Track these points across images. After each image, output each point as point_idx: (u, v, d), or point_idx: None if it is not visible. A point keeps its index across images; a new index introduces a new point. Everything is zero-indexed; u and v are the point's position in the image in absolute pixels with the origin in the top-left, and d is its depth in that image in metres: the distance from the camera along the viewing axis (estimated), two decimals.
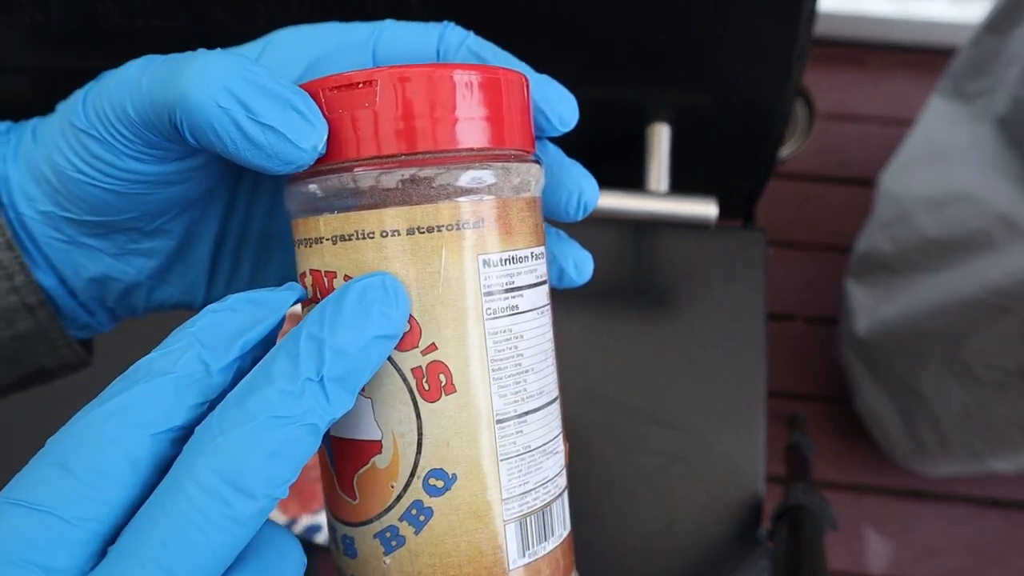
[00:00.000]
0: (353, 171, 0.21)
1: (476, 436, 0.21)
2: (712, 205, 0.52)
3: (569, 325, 0.59)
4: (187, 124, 0.21)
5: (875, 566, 1.18)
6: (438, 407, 0.21)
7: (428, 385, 0.21)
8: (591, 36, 0.52)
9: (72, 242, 0.26)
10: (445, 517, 0.21)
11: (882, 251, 1.00)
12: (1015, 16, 0.84)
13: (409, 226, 0.21)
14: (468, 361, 0.21)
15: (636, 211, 0.52)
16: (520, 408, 0.22)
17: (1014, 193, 0.80)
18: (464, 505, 0.21)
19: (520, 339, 0.22)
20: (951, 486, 1.20)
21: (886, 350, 1.01)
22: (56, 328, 0.27)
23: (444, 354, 0.21)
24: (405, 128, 0.21)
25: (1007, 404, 0.89)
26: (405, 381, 0.21)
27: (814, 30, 0.49)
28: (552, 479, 0.23)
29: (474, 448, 0.21)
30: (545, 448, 0.23)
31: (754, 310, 0.59)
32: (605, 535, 0.54)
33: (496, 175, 0.22)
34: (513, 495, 0.22)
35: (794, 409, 1.20)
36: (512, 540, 0.22)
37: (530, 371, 0.22)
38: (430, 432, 0.21)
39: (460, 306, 0.21)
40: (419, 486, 0.21)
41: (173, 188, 0.25)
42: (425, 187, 0.21)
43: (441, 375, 0.21)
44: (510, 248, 0.22)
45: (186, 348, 0.19)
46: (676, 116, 0.57)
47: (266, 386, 0.18)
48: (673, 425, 0.56)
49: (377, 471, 0.21)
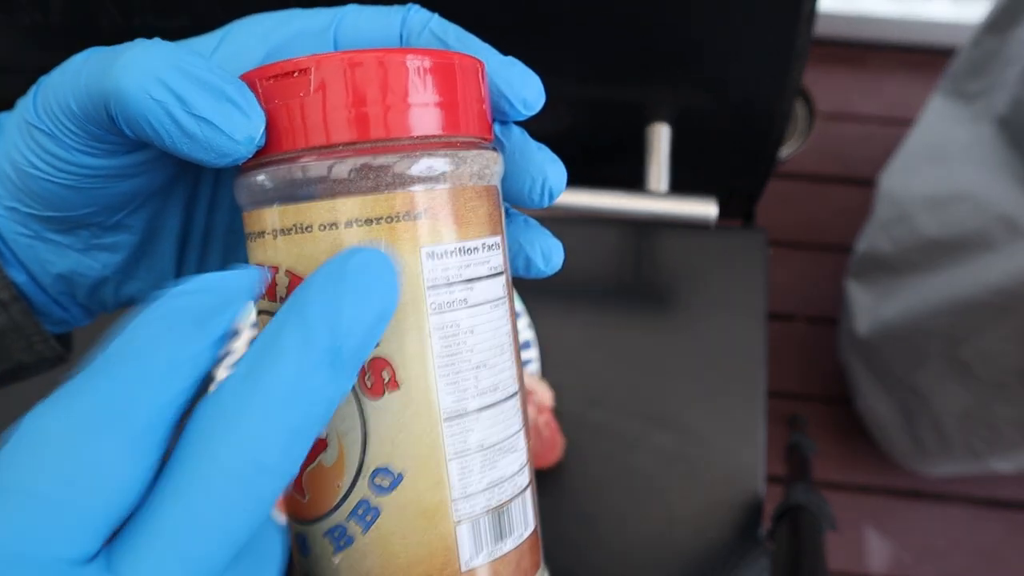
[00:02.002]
0: (300, 161, 0.20)
1: (422, 434, 0.20)
2: (712, 205, 0.52)
3: (569, 325, 0.59)
4: (122, 116, 0.20)
5: (875, 566, 1.18)
6: (382, 404, 0.20)
7: (371, 382, 0.20)
8: (591, 36, 0.52)
9: (38, 237, 0.26)
10: (392, 516, 0.20)
11: (882, 251, 1.00)
12: (1015, 16, 0.84)
13: (359, 216, 0.20)
14: (411, 357, 0.20)
15: (636, 211, 0.52)
16: (471, 404, 0.21)
17: (1014, 193, 0.80)
18: (411, 504, 0.20)
19: (470, 334, 0.21)
20: (951, 486, 1.20)
21: (886, 350, 1.01)
22: (31, 323, 0.27)
23: (386, 350, 0.20)
24: (355, 116, 0.20)
25: (1007, 404, 0.89)
26: None
27: (814, 30, 0.49)
28: (510, 477, 0.22)
29: (420, 446, 0.20)
30: (501, 446, 0.22)
31: (754, 310, 0.59)
32: (605, 535, 0.54)
33: (450, 163, 0.21)
34: (465, 494, 0.21)
35: (794, 409, 1.20)
36: (464, 541, 0.21)
37: (483, 366, 0.21)
38: (375, 430, 0.20)
39: (402, 300, 0.20)
40: (365, 485, 0.20)
41: (128, 182, 0.24)
42: (376, 176, 0.20)
43: (384, 371, 0.20)
44: (460, 239, 0.21)
45: (167, 328, 0.18)
46: (676, 116, 0.57)
47: (279, 361, 0.18)
48: (673, 425, 0.56)
49: (324, 469, 0.20)
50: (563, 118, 0.59)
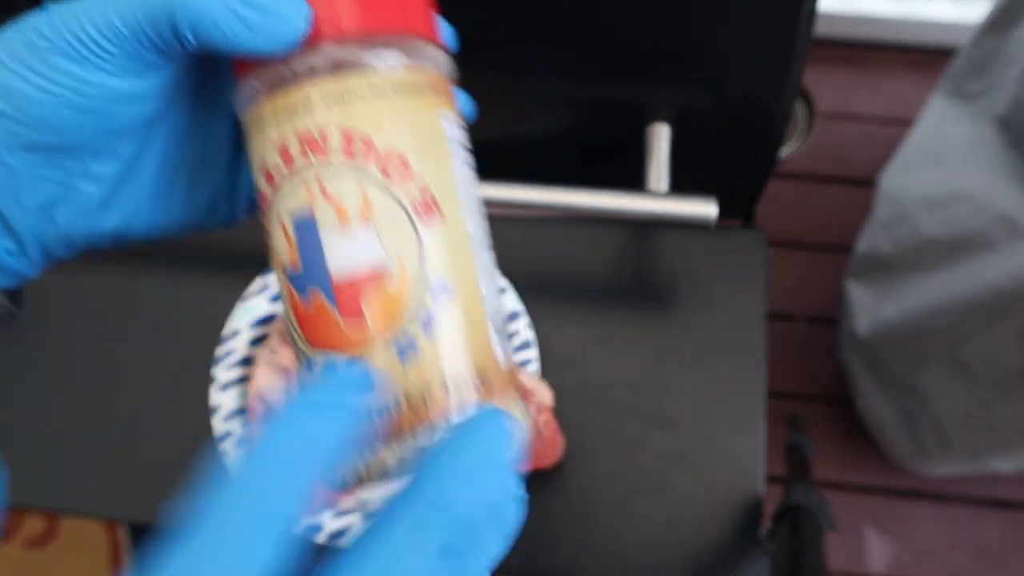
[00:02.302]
0: (354, 40, 0.25)
1: (465, 254, 0.26)
2: (712, 205, 0.52)
3: (569, 325, 0.59)
4: (188, 22, 0.23)
5: (875, 566, 1.18)
6: (435, 231, 0.25)
7: (424, 211, 0.25)
8: (591, 36, 0.52)
9: (15, 171, 0.26)
10: (448, 321, 0.25)
11: (882, 251, 1.00)
12: (1015, 16, 0.84)
13: (398, 84, 0.25)
14: (450, 197, 0.26)
15: (636, 211, 0.52)
16: (483, 237, 0.27)
17: (1014, 193, 0.80)
18: (462, 311, 0.25)
19: (471, 183, 0.27)
20: (951, 486, 1.20)
21: (886, 350, 1.02)
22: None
23: (433, 190, 0.25)
24: (400, 6, 0.26)
25: (1007, 404, 0.89)
26: (405, 210, 0.25)
27: (814, 30, 0.49)
28: (501, 305, 0.28)
29: (464, 264, 0.26)
30: (495, 277, 0.28)
31: (754, 310, 0.59)
32: (605, 535, 0.54)
33: (444, 56, 0.27)
34: (490, 306, 0.26)
35: (794, 409, 1.20)
36: (495, 340, 0.26)
37: (478, 212, 0.27)
38: (430, 252, 0.25)
39: (440, 151, 0.26)
40: (426, 298, 0.25)
41: (138, 106, 0.26)
42: (412, 53, 0.26)
43: (432, 205, 0.25)
44: (453, 110, 0.27)
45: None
46: (676, 116, 0.57)
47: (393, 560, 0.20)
48: (673, 425, 0.56)
49: (387, 292, 0.24)
50: (563, 118, 0.59)
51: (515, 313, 0.57)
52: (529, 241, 0.62)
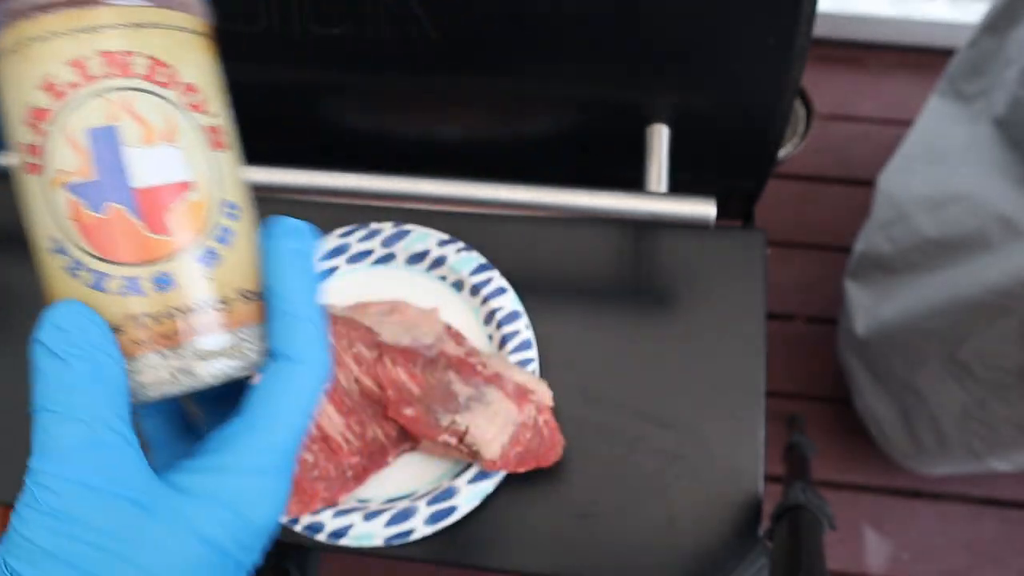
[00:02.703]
0: None
1: (242, 182, 0.29)
2: (711, 205, 0.52)
3: (568, 325, 0.59)
4: None
5: (874, 565, 1.19)
6: (224, 157, 0.28)
7: (214, 139, 0.28)
8: (591, 36, 0.52)
9: None
10: (241, 235, 0.28)
11: (881, 251, 1.00)
12: (1014, 16, 0.84)
13: (196, 26, 0.28)
14: (231, 130, 0.29)
15: (636, 211, 0.53)
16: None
17: (1013, 193, 0.81)
18: (248, 225, 0.29)
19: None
20: (950, 486, 1.20)
21: (885, 350, 1.02)
22: None
23: (222, 122, 0.29)
24: None
25: (1006, 404, 0.89)
26: (203, 135, 0.27)
27: (814, 30, 0.49)
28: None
29: (244, 189, 0.29)
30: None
31: (754, 310, 0.59)
32: (605, 534, 0.54)
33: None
34: (255, 225, 0.30)
35: (794, 409, 1.20)
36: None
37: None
38: (226, 175, 0.28)
39: (221, 90, 0.29)
40: (222, 215, 0.28)
41: None
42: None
43: (221, 135, 0.28)
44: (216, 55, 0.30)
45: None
46: (676, 116, 0.57)
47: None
48: (673, 425, 0.56)
49: (190, 205, 0.27)
50: (563, 118, 0.59)
51: (515, 313, 0.58)
52: (529, 241, 0.62)
